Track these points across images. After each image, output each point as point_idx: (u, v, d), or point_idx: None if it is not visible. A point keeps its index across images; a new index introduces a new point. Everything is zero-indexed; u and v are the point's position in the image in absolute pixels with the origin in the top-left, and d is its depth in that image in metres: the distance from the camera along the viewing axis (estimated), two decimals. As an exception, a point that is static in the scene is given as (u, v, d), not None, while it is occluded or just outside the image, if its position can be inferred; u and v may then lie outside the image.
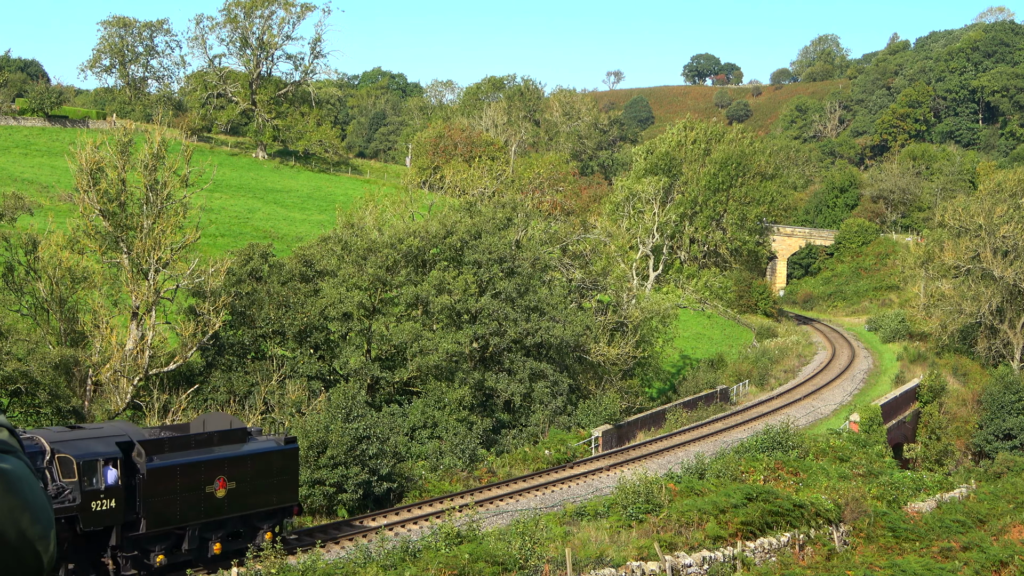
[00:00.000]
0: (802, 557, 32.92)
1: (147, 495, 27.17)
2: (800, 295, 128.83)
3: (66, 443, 26.18)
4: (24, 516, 2.65)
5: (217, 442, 29.23)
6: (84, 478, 25.98)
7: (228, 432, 29.61)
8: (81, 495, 25.85)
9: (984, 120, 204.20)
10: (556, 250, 62.28)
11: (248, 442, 30.07)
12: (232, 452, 29.31)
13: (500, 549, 26.09)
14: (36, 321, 38.05)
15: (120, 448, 26.83)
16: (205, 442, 28.96)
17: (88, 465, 26.04)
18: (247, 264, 43.91)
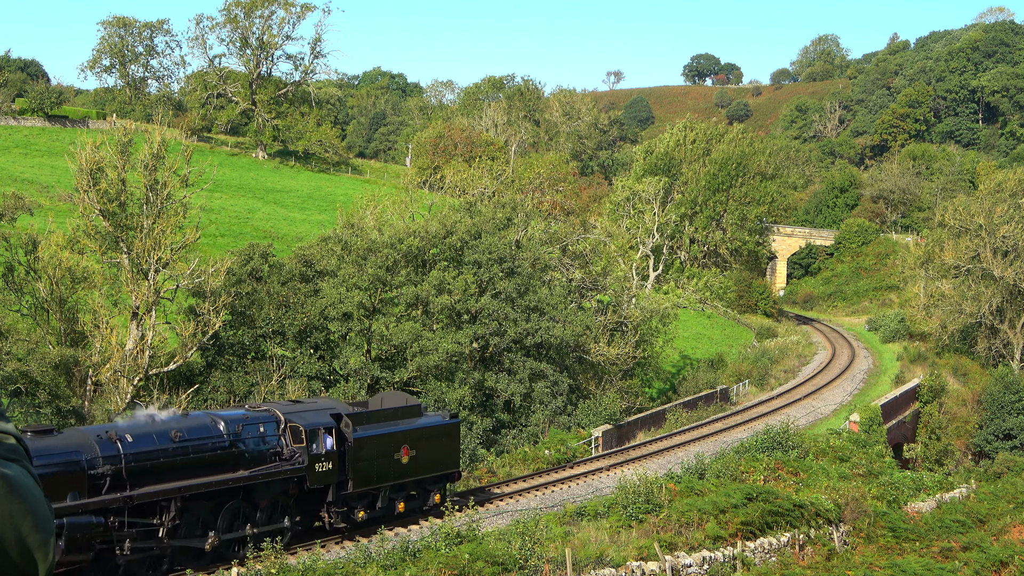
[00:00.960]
0: (802, 557, 32.94)
1: (353, 460, 31.82)
2: (800, 295, 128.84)
3: (295, 414, 30.81)
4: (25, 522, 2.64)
5: (400, 416, 34.13)
6: (310, 444, 30.53)
7: (408, 408, 34.50)
8: (308, 458, 30.37)
9: (984, 120, 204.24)
10: (556, 250, 62.29)
11: (422, 416, 35.07)
12: (411, 425, 34.18)
13: (500, 549, 26.11)
14: (36, 321, 38.06)
15: (332, 419, 31.52)
16: (392, 416, 33.87)
17: (312, 433, 30.65)
18: (247, 264, 43.92)
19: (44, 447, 25.02)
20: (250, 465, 29.43)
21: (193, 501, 27.84)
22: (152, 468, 26.79)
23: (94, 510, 25.33)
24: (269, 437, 30.25)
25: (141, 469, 26.48)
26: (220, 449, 28.67)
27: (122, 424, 27.55)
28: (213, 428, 28.95)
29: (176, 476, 27.38)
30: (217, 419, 29.47)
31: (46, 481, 24.01)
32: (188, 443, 27.88)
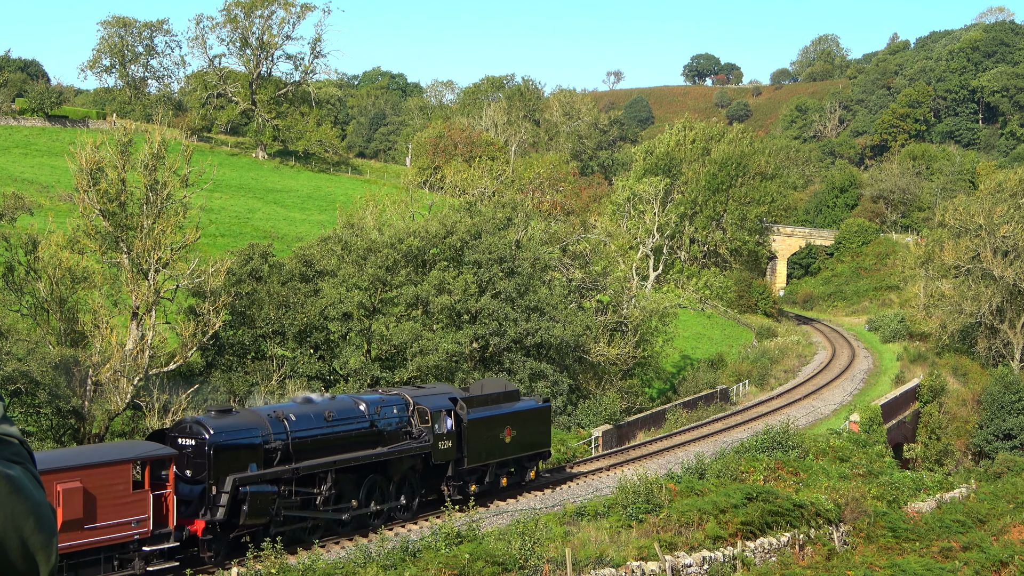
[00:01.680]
0: (802, 557, 32.94)
1: (468, 438, 35.75)
2: (800, 295, 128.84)
3: (420, 397, 35.04)
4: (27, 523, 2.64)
5: (502, 400, 38.10)
6: (434, 424, 34.52)
7: (508, 393, 38.52)
8: (433, 437, 34.42)
9: (984, 120, 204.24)
10: (556, 250, 62.29)
11: (520, 400, 39.14)
12: (512, 408, 38.19)
13: (500, 549, 26.11)
14: (36, 321, 38.05)
15: (451, 402, 35.52)
16: (496, 400, 37.79)
17: (436, 414, 34.70)
18: (247, 264, 43.92)
19: (227, 424, 29.08)
20: (386, 443, 33.60)
21: (342, 474, 31.86)
22: (311, 444, 30.99)
23: (269, 480, 29.35)
24: (401, 418, 34.40)
25: (303, 445, 30.65)
26: (363, 428, 32.91)
27: (285, 405, 31.96)
28: (356, 410, 33.07)
29: (330, 452, 31.56)
30: (359, 401, 33.65)
31: (233, 453, 28.90)
32: (338, 423, 32.08)
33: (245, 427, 29.59)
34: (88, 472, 25.83)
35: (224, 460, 28.68)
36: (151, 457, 27.33)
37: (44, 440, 34.24)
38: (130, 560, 26.66)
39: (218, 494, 28.36)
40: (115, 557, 26.44)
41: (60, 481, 25.13)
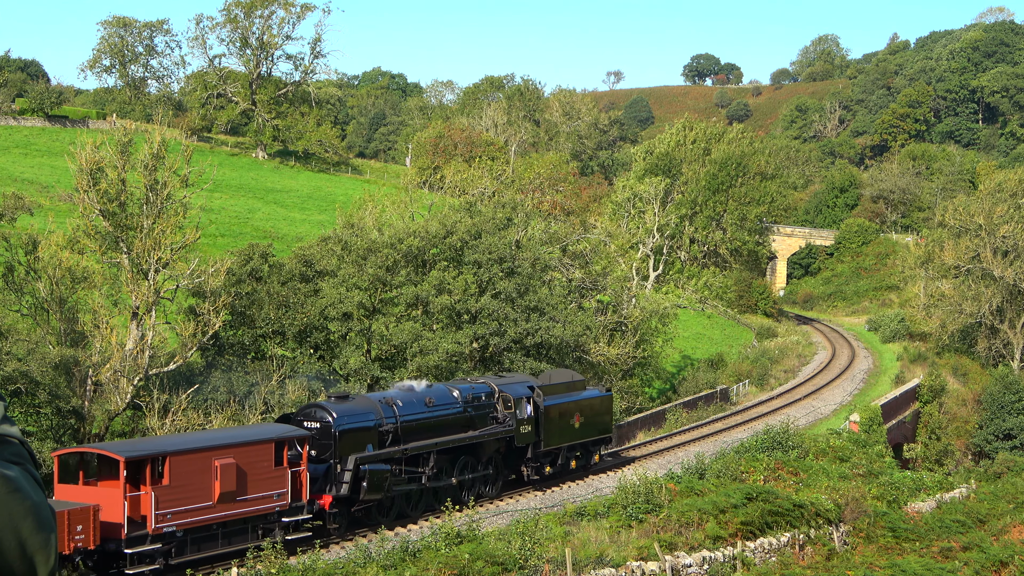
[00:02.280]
0: (802, 557, 32.94)
1: (545, 423, 39.31)
2: (800, 295, 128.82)
3: (504, 385, 38.67)
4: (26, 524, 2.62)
5: (571, 389, 41.68)
6: (516, 410, 38.06)
7: (575, 382, 42.34)
8: (515, 422, 38.04)
9: (984, 120, 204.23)
10: (556, 250, 62.29)
11: (586, 390, 42.78)
12: (580, 396, 41.79)
13: (500, 549, 26.11)
14: (36, 321, 38.03)
15: (530, 390, 39.12)
16: (566, 389, 41.42)
17: (518, 401, 38.28)
18: (247, 264, 43.90)
19: (347, 409, 32.69)
20: (476, 427, 37.13)
21: (440, 454, 35.31)
22: (416, 428, 34.65)
23: (384, 459, 32.81)
24: (488, 404, 37.87)
25: (410, 428, 34.32)
26: (458, 413, 36.53)
27: (393, 392, 35.56)
28: (451, 396, 36.60)
29: (431, 434, 35.16)
30: (453, 389, 37.19)
31: (354, 434, 32.35)
32: (437, 408, 35.68)
33: (362, 411, 33.24)
34: (240, 450, 29.14)
35: (347, 441, 32.17)
36: (289, 437, 30.61)
37: (44, 440, 34.22)
38: (271, 530, 29.90)
39: (342, 472, 31.73)
40: (260, 527, 29.67)
41: (217, 457, 28.55)
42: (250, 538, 29.23)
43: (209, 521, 28.60)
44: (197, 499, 28.24)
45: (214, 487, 28.49)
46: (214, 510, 28.63)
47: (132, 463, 27.26)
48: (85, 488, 27.85)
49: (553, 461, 40.50)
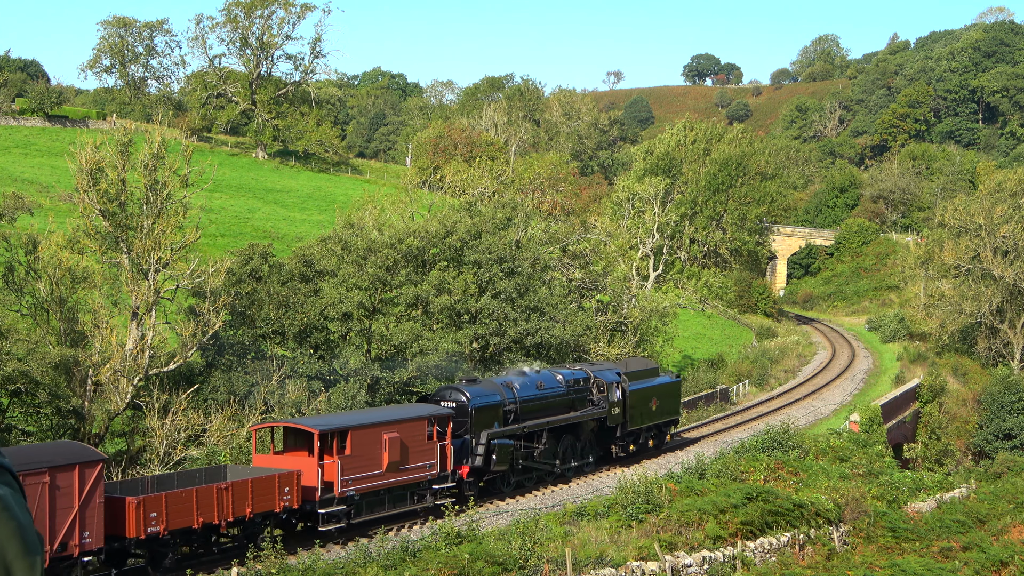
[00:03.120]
0: (802, 557, 32.94)
1: (630, 406, 43.95)
2: (800, 295, 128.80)
3: (598, 372, 43.31)
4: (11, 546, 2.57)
5: (648, 376, 46.42)
6: (607, 394, 42.81)
7: (650, 369, 47.21)
8: (607, 404, 42.59)
9: (984, 120, 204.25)
10: (556, 250, 62.27)
11: (659, 376, 47.46)
12: (655, 381, 46.50)
13: (500, 549, 26.11)
14: (36, 321, 38.01)
15: (618, 376, 43.75)
16: (644, 375, 46.18)
17: (609, 386, 42.97)
18: (247, 264, 43.87)
19: (478, 390, 37.55)
20: (576, 409, 41.53)
21: (549, 432, 39.82)
22: (531, 408, 39.04)
23: (508, 435, 37.39)
24: (586, 388, 42.27)
25: (526, 408, 38.79)
26: (562, 396, 40.86)
27: (509, 377, 39.95)
28: (556, 380, 41.01)
29: (541, 415, 39.55)
30: (557, 374, 41.59)
31: (485, 412, 36.98)
32: (547, 391, 40.09)
33: (490, 393, 37.87)
34: (403, 425, 33.57)
35: (480, 418, 36.71)
36: (438, 415, 35.12)
37: (44, 440, 34.23)
38: (423, 496, 34.54)
39: (476, 445, 36.28)
40: (415, 493, 34.25)
41: (386, 432, 32.95)
42: (408, 503, 34.10)
43: (379, 487, 33.00)
44: (371, 468, 32.63)
45: (383, 457, 32.92)
46: (383, 477, 33.06)
47: (323, 435, 31.46)
48: (276, 457, 32.60)
49: (635, 440, 45.44)
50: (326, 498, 31.18)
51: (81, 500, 25.79)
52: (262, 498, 29.36)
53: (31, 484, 24.70)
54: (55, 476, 25.41)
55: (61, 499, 25.52)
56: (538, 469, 39.70)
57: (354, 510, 32.13)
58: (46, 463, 25.43)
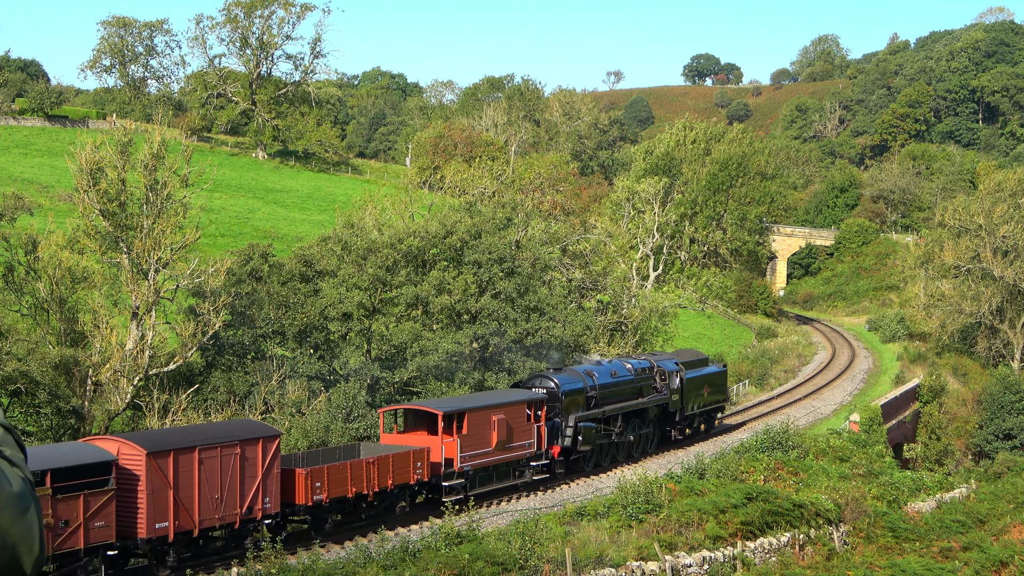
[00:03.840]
0: (802, 557, 32.93)
1: (686, 392, 48.52)
2: (800, 295, 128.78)
3: (660, 362, 48.07)
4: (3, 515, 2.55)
5: (699, 365, 51.06)
6: (668, 382, 47.41)
7: (700, 359, 52.25)
8: (668, 391, 47.27)
9: (984, 120, 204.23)
10: (556, 250, 62.26)
11: (708, 365, 52.15)
12: (705, 371, 51.02)
13: (500, 549, 26.10)
14: (36, 321, 38.02)
15: (676, 366, 48.40)
16: (696, 365, 50.75)
17: (670, 374, 47.59)
18: (247, 264, 43.87)
19: (566, 377, 42.16)
20: (643, 395, 46.18)
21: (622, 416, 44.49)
22: (607, 394, 43.56)
23: (591, 419, 41.94)
24: (650, 377, 46.88)
25: (604, 394, 43.33)
26: (632, 383, 45.44)
27: (586, 366, 44.68)
28: (626, 369, 45.60)
29: (615, 400, 43.96)
30: (626, 363, 46.33)
31: (573, 397, 41.51)
32: (620, 379, 44.67)
33: (575, 380, 42.39)
34: (508, 408, 38.08)
35: (569, 402, 41.21)
36: (535, 400, 39.60)
37: (44, 440, 34.23)
38: (522, 472, 38.97)
39: (565, 427, 40.71)
40: (515, 469, 38.56)
41: (494, 414, 37.28)
42: (510, 478, 38.35)
43: (488, 463, 37.32)
44: (482, 446, 36.90)
45: (492, 437, 37.15)
46: (492, 455, 37.38)
47: (446, 417, 35.94)
48: (400, 436, 36.67)
49: (689, 424, 50.16)
50: (448, 472, 35.55)
51: (263, 470, 29.77)
52: (400, 471, 33.51)
53: (227, 455, 28.88)
54: (244, 448, 29.40)
55: (248, 468, 29.44)
56: (615, 450, 44.59)
57: (469, 483, 36.26)
58: (237, 437, 29.30)
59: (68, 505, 25.59)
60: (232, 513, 29.06)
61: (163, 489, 27.51)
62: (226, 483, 28.96)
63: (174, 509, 27.68)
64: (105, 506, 26.24)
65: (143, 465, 27.12)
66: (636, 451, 46.34)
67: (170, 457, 27.69)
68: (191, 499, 28.09)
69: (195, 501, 28.19)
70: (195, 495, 28.19)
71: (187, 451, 28.15)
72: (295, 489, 30.40)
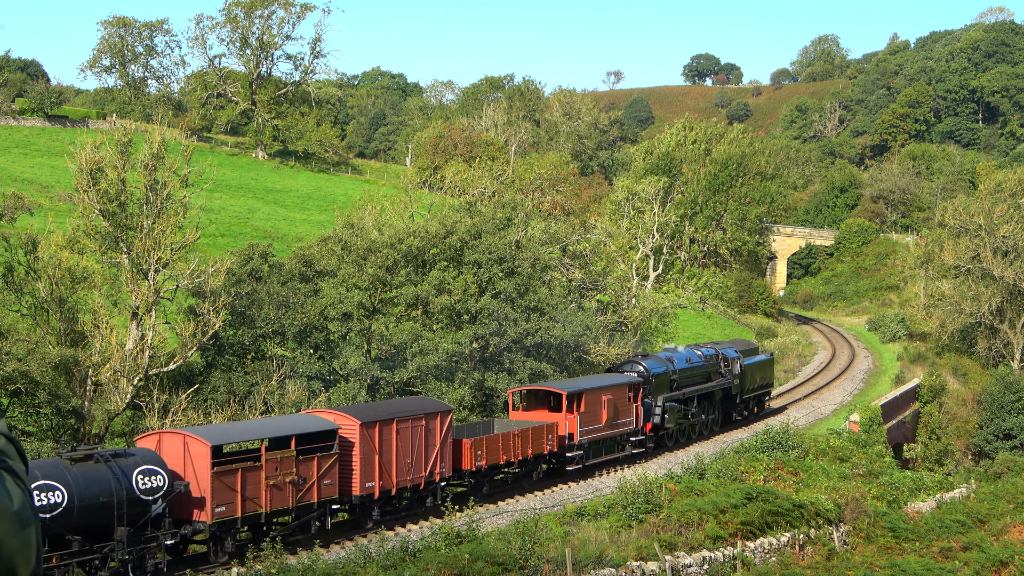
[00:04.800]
0: (802, 557, 32.93)
1: (745, 378, 54.55)
2: (800, 295, 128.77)
3: (723, 349, 54.15)
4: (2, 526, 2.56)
5: (752, 353, 57.30)
6: (731, 368, 53.47)
7: (753, 348, 59.34)
8: (731, 376, 53.27)
9: (984, 120, 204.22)
10: (556, 250, 62.25)
11: (759, 354, 58.71)
12: (757, 358, 57.37)
13: (500, 549, 26.09)
14: (36, 321, 38.00)
15: (737, 353, 54.30)
16: (749, 352, 56.91)
17: (732, 361, 53.75)
18: (247, 264, 43.86)
19: (653, 363, 48.40)
20: (711, 380, 51.99)
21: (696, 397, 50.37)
22: (684, 378, 49.60)
23: (674, 399, 48.12)
24: (716, 364, 52.51)
25: (683, 379, 49.53)
26: (702, 368, 51.36)
27: (667, 353, 50.63)
28: (697, 356, 51.46)
29: (691, 384, 50.17)
30: (696, 350, 52.30)
31: (661, 379, 47.80)
32: (694, 365, 50.79)
33: (661, 364, 48.62)
34: (614, 389, 44.29)
35: (657, 384, 47.38)
36: (634, 382, 45.55)
37: (44, 440, 34.22)
38: (624, 445, 44.93)
39: (655, 407, 46.80)
40: (619, 443, 44.54)
41: (605, 394, 43.20)
42: (615, 451, 44.31)
43: (600, 437, 43.14)
44: (595, 422, 42.71)
45: (603, 414, 42.98)
46: (602, 430, 43.25)
47: (569, 396, 41.51)
48: (524, 413, 42.50)
49: (746, 406, 55.92)
50: (570, 445, 41.20)
51: (440, 439, 35.10)
52: (536, 443, 39.36)
53: (416, 426, 34.05)
54: (428, 421, 34.59)
55: (430, 438, 34.62)
56: (691, 429, 50.17)
57: (584, 455, 41.82)
58: (423, 411, 34.73)
59: (306, 465, 30.55)
60: (419, 476, 34.33)
61: (371, 454, 32.62)
62: (415, 450, 34.21)
63: (379, 471, 32.83)
64: (332, 467, 31.41)
65: (356, 433, 32.13)
66: (706, 430, 51.78)
67: (376, 427, 32.78)
68: (391, 463, 33.29)
69: (393, 465, 33.36)
70: (393, 460, 33.38)
71: (388, 422, 33.32)
72: (462, 456, 36.17)
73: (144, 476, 26.45)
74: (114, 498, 25.58)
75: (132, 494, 25.97)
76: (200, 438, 28.14)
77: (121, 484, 25.81)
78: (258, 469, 29.23)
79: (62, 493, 24.57)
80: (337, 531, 32.13)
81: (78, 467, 25.30)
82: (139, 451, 27.71)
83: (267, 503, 29.42)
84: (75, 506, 24.72)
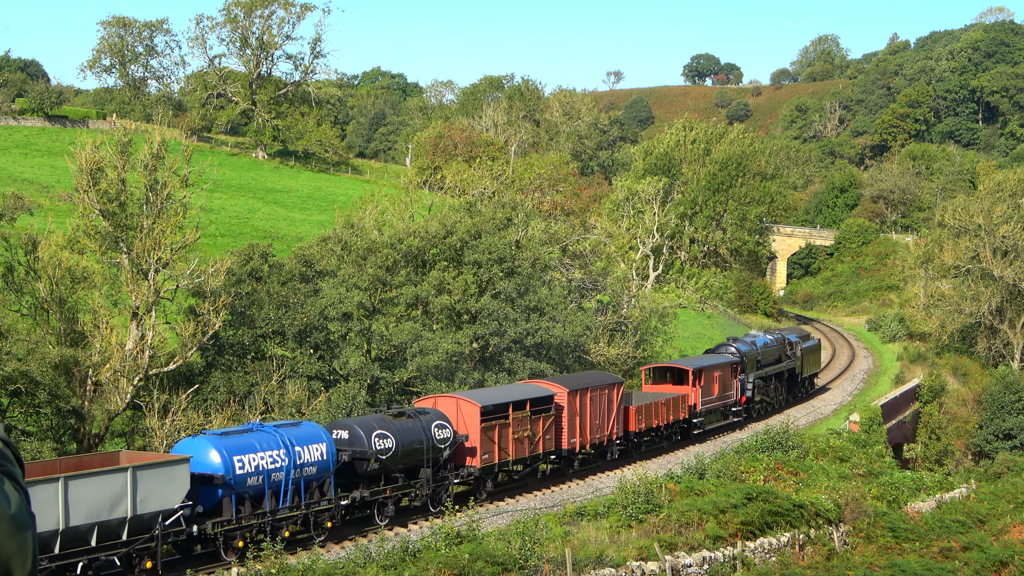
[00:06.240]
0: (802, 557, 32.92)
1: (803, 359, 63.29)
2: (800, 295, 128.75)
3: (786, 334, 62.34)
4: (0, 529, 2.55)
5: (805, 339, 64.93)
6: (794, 350, 62.13)
7: (805, 335, 66.85)
8: (795, 358, 61.96)
9: (984, 120, 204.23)
10: (556, 250, 62.24)
11: (810, 340, 66.53)
12: (809, 343, 65.31)
13: (500, 549, 26.09)
14: (36, 321, 37.99)
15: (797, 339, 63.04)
16: (805, 338, 64.98)
17: (795, 345, 62.41)
18: (247, 264, 43.86)
19: (742, 346, 56.41)
20: (781, 361, 60.50)
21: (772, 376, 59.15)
22: (764, 359, 58.17)
23: (760, 377, 57.09)
24: (782, 347, 60.79)
25: (763, 359, 58.12)
26: (775, 351, 59.77)
27: (750, 338, 58.99)
28: (770, 340, 59.44)
29: (768, 364, 58.84)
30: (768, 335, 60.56)
31: (750, 359, 55.99)
32: (770, 347, 59.09)
33: (748, 346, 56.78)
34: (723, 367, 53.11)
35: (748, 363, 55.87)
36: (736, 361, 54.56)
37: (44, 440, 34.22)
38: (727, 414, 54.49)
39: (747, 383, 55.55)
40: (722, 412, 53.93)
41: (716, 371, 51.95)
42: (721, 419, 53.83)
43: (713, 408, 52.43)
44: (710, 394, 51.70)
45: (715, 388, 51.91)
46: (715, 401, 52.34)
47: (695, 372, 50.20)
48: (653, 387, 51.01)
49: (801, 385, 64.28)
50: (693, 413, 49.92)
51: (616, 406, 43.40)
52: (676, 410, 48.13)
53: (601, 395, 42.48)
54: (609, 390, 43.00)
55: (608, 406, 42.80)
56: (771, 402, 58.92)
57: (704, 422, 51.10)
58: (605, 382, 43.10)
59: (535, 423, 38.55)
60: (602, 436, 42.71)
61: (574, 416, 40.73)
62: (600, 414, 42.38)
63: (579, 431, 41.10)
64: (551, 426, 39.42)
65: (565, 399, 40.17)
66: (777, 404, 60.00)
67: (578, 395, 40.96)
68: (586, 424, 41.47)
69: (588, 426, 41.57)
70: (588, 422, 41.55)
71: (585, 391, 41.47)
72: (629, 420, 44.63)
73: (438, 429, 34.10)
74: (424, 444, 33.39)
75: (432, 442, 33.68)
76: (471, 400, 36.25)
77: (425, 434, 33.52)
78: (507, 426, 37.15)
79: (392, 440, 32.29)
80: (337, 532, 32.14)
81: (398, 421, 33.06)
82: (432, 410, 35.04)
83: (513, 452, 37.46)
84: (400, 450, 32.49)
